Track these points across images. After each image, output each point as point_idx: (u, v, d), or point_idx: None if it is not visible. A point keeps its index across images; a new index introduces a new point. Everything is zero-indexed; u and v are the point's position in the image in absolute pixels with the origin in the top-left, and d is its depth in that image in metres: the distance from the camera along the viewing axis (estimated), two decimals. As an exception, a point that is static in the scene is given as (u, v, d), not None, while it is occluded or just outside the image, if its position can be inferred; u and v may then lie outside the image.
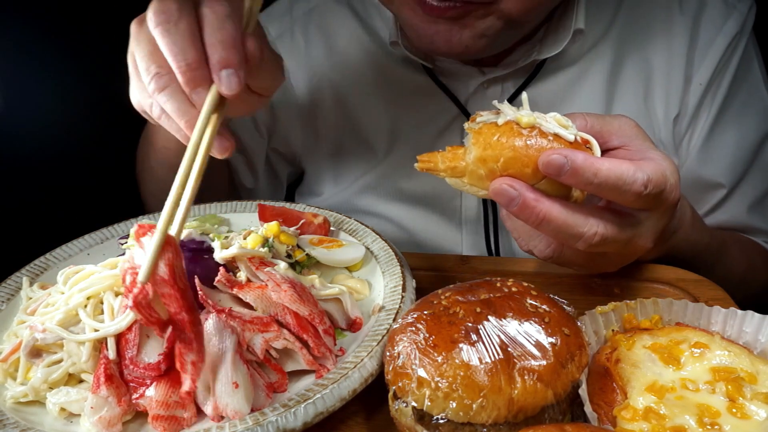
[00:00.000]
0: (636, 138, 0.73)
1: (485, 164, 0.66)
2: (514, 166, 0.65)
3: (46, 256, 0.91)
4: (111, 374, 0.66)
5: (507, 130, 0.66)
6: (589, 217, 0.67)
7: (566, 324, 0.64)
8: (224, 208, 1.03)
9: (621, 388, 0.62)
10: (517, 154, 0.65)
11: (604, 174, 0.64)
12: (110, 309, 0.70)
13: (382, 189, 1.19)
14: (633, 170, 0.65)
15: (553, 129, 0.66)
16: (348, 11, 1.19)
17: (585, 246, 0.68)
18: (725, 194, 1.10)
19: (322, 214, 0.98)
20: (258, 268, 0.75)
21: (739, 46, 1.07)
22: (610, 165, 0.64)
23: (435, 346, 0.61)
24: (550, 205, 0.65)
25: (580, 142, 0.68)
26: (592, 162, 0.63)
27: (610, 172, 0.64)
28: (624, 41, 1.09)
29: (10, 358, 0.72)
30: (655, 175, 0.66)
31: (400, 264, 0.85)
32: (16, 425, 0.65)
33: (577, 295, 0.88)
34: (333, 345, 0.74)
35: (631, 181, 0.64)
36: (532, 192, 0.65)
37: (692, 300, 0.80)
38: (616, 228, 0.69)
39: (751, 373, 0.61)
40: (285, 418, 0.62)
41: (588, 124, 0.73)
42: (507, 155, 0.65)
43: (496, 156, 0.65)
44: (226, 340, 0.67)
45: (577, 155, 0.63)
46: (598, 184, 0.64)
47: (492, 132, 0.66)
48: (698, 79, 1.07)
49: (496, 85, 1.10)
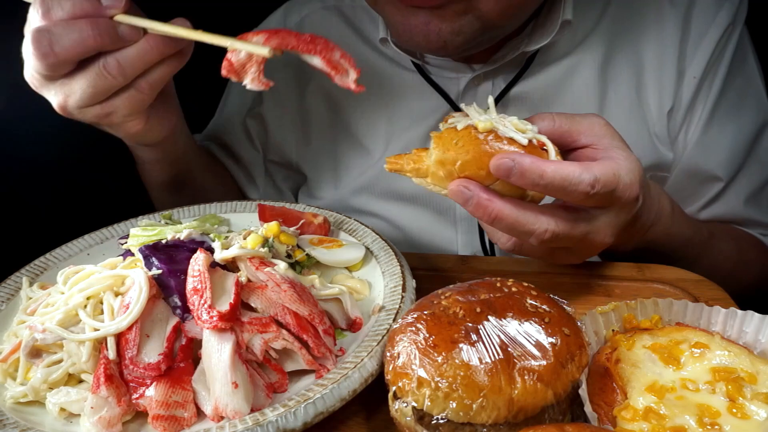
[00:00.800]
0: (604, 137, 0.77)
1: (444, 166, 0.71)
2: (470, 168, 0.70)
3: (46, 256, 0.91)
4: (111, 374, 0.66)
5: (465, 134, 0.71)
6: (540, 215, 0.71)
7: (566, 324, 0.64)
8: (224, 208, 1.03)
9: (621, 388, 0.62)
10: (472, 157, 0.70)
11: (550, 176, 0.67)
12: (110, 309, 0.70)
13: (377, 189, 1.19)
14: (579, 172, 0.68)
15: (509, 133, 0.70)
16: (337, 17, 1.21)
17: (537, 242, 0.72)
18: (722, 187, 1.10)
19: (322, 214, 0.98)
20: (258, 268, 0.75)
21: (733, 37, 1.07)
22: (555, 167, 0.68)
23: (435, 346, 0.61)
24: (501, 205, 0.70)
25: (536, 145, 0.72)
26: (538, 165, 0.67)
27: (555, 173, 0.67)
28: (615, 34, 1.09)
29: (10, 358, 0.72)
30: (605, 175, 0.70)
31: (400, 264, 0.85)
32: (16, 425, 0.65)
33: (577, 295, 0.88)
34: (333, 345, 0.74)
35: (577, 182, 0.68)
36: (485, 192, 0.70)
37: (692, 300, 0.80)
38: (567, 225, 0.73)
39: (751, 373, 0.61)
40: (285, 418, 0.62)
41: (556, 124, 0.76)
42: (463, 158, 0.70)
43: (454, 159, 0.70)
44: (225, 340, 0.67)
45: (524, 159, 0.67)
46: (545, 185, 0.68)
47: (451, 136, 0.71)
48: (692, 72, 1.07)
49: (487, 81, 1.10)
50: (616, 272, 0.92)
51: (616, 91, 1.09)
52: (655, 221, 0.89)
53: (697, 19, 1.06)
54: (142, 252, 0.77)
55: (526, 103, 1.10)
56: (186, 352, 0.70)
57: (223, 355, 0.66)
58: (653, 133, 1.10)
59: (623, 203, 0.75)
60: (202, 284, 0.70)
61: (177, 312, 0.72)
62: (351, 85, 0.74)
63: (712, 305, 0.71)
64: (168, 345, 0.69)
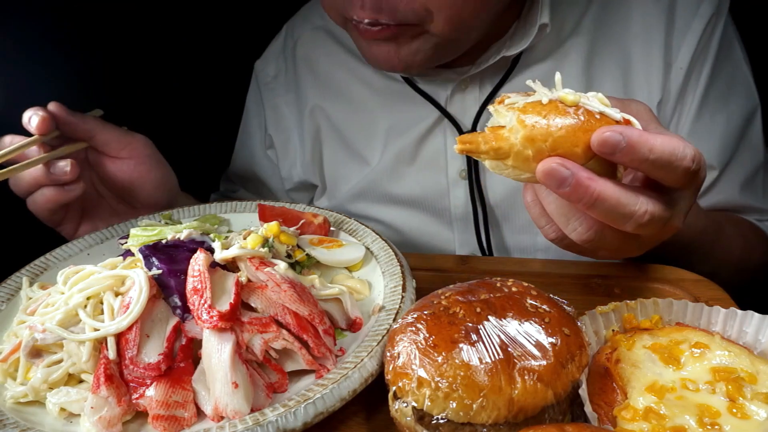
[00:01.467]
0: (652, 122, 0.72)
1: (533, 144, 0.62)
2: (564, 145, 0.62)
3: (46, 256, 0.91)
4: (111, 374, 0.66)
5: (553, 108, 0.63)
6: (639, 195, 0.64)
7: (566, 324, 0.64)
8: (224, 208, 1.03)
9: (621, 388, 0.62)
10: (566, 132, 0.61)
11: (659, 149, 0.61)
12: (110, 309, 0.70)
13: (373, 194, 1.21)
14: (683, 146, 0.63)
15: (599, 108, 0.64)
16: (325, 35, 1.25)
17: (634, 226, 0.65)
18: (717, 176, 1.11)
19: (322, 214, 0.98)
20: (258, 268, 0.75)
21: (717, 27, 1.08)
22: (662, 140, 0.62)
23: (435, 346, 0.61)
24: (604, 184, 0.62)
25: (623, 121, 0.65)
26: (647, 138, 0.61)
27: (664, 147, 0.62)
28: (598, 33, 1.10)
29: (10, 358, 0.72)
30: (697, 152, 0.65)
31: (400, 264, 0.85)
32: (16, 425, 0.65)
33: (577, 295, 0.88)
34: (333, 345, 0.74)
35: (682, 156, 0.62)
36: (585, 171, 0.62)
37: (692, 300, 0.80)
38: (661, 206, 0.66)
39: (751, 373, 0.61)
40: (285, 418, 0.62)
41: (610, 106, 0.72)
42: (557, 134, 0.61)
43: (545, 135, 0.62)
44: (225, 340, 0.67)
45: (633, 131, 0.61)
46: (654, 161, 0.62)
47: (538, 110, 0.63)
48: (678, 63, 1.08)
49: (473, 85, 1.12)
50: (616, 272, 0.92)
51: (601, 88, 1.10)
52: None
53: (681, 11, 1.08)
54: (142, 252, 0.77)
55: None
56: (186, 352, 0.70)
57: (223, 355, 0.66)
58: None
59: (698, 184, 0.70)
60: (202, 284, 0.70)
61: (177, 312, 0.72)
62: None
63: (712, 305, 0.71)
64: (168, 345, 0.69)
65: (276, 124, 1.31)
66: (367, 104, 1.19)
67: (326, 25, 1.25)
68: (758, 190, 1.14)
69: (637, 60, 1.09)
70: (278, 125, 1.31)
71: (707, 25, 1.07)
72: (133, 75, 1.42)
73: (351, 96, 1.21)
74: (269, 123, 1.32)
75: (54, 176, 0.91)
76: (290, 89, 1.28)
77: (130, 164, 1.02)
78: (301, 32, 1.28)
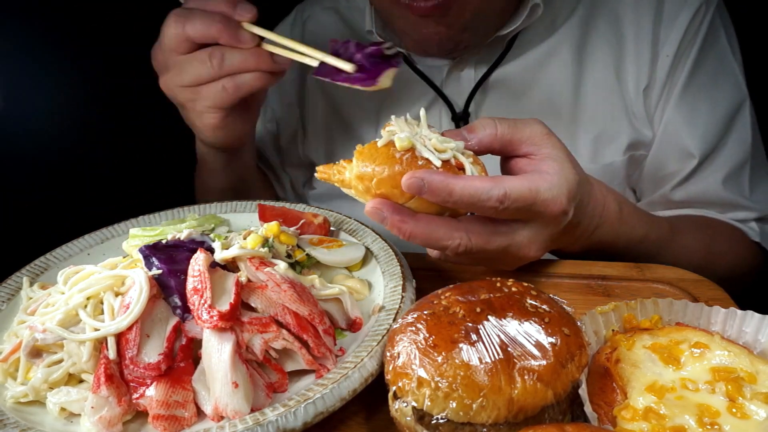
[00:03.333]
0: (543, 146, 0.79)
1: (362, 182, 0.73)
2: (386, 186, 0.72)
3: (46, 256, 0.91)
4: (111, 374, 0.66)
5: (384, 152, 0.72)
6: (453, 230, 0.74)
7: (566, 324, 0.64)
8: (224, 208, 1.04)
9: (621, 388, 0.62)
10: (387, 176, 0.71)
11: (458, 193, 0.70)
12: (110, 309, 0.70)
13: None
14: (489, 187, 0.71)
15: (425, 153, 0.72)
16: (334, 15, 1.30)
17: (453, 254, 0.77)
18: (696, 164, 1.12)
19: (322, 214, 0.98)
20: (258, 268, 0.75)
21: (706, 17, 1.10)
22: (464, 184, 0.70)
23: (435, 346, 0.61)
24: (413, 225, 0.73)
25: (454, 164, 0.73)
26: (447, 183, 0.69)
27: (464, 190, 0.70)
28: (592, 18, 1.13)
29: (10, 358, 0.72)
30: (517, 191, 0.72)
31: (400, 264, 0.85)
32: (16, 425, 0.65)
33: (577, 295, 0.88)
34: (333, 345, 0.74)
35: (486, 198, 0.71)
36: (397, 215, 0.72)
37: (692, 300, 0.80)
38: (482, 238, 0.76)
39: (751, 373, 0.61)
40: (285, 418, 0.62)
41: (498, 131, 0.79)
42: (379, 176, 0.72)
43: (371, 176, 0.72)
44: (225, 340, 0.67)
45: (434, 177, 0.69)
46: (455, 202, 0.71)
47: (371, 152, 0.73)
48: (665, 51, 1.10)
49: (468, 68, 1.16)
50: (616, 272, 0.92)
51: (594, 72, 1.14)
52: (599, 224, 0.90)
53: (670, 2, 1.10)
54: (142, 252, 0.77)
55: (507, 87, 1.16)
56: (186, 352, 0.70)
57: (224, 354, 0.66)
58: (631, 112, 1.14)
59: (546, 218, 0.77)
60: (202, 284, 0.70)
61: (177, 312, 0.72)
62: None
63: (712, 305, 0.71)
64: (168, 345, 0.69)
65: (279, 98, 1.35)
66: None
67: (337, 6, 1.30)
68: (744, 185, 1.14)
69: (629, 45, 1.12)
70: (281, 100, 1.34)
71: (695, 15, 1.09)
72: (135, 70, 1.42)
73: None
74: (271, 97, 1.35)
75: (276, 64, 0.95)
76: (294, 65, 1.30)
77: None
78: (312, 11, 1.33)
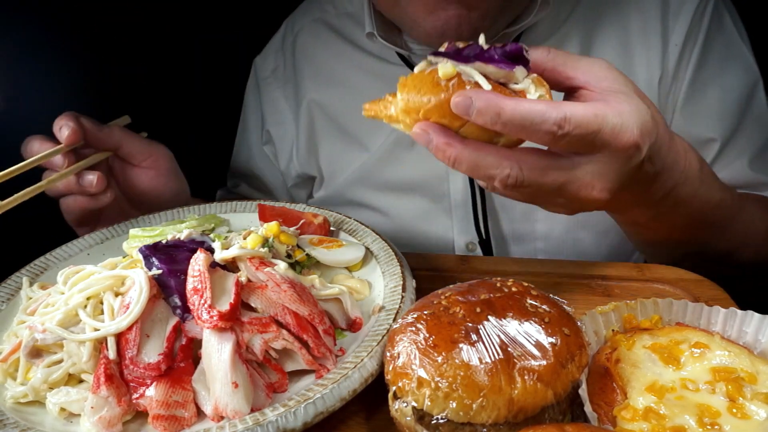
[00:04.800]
0: (604, 80, 0.70)
1: (409, 115, 0.68)
2: (434, 115, 0.67)
3: (46, 256, 0.91)
4: (111, 374, 0.66)
5: (429, 80, 0.67)
6: (503, 159, 0.67)
7: (566, 324, 0.64)
8: (224, 208, 1.03)
9: (621, 388, 0.62)
10: (434, 105, 0.66)
11: (508, 113, 0.63)
12: (110, 309, 0.70)
13: (372, 181, 1.22)
14: (545, 109, 0.63)
15: (475, 77, 0.66)
16: (324, 27, 1.27)
17: (502, 186, 0.68)
18: (720, 148, 1.10)
19: (322, 214, 0.98)
20: (258, 268, 0.75)
21: (710, 2, 1.09)
22: (515, 103, 0.63)
23: (435, 346, 0.61)
24: (460, 149, 0.66)
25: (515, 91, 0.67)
26: (496, 101, 0.63)
27: (514, 110, 0.63)
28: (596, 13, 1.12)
29: (10, 358, 0.72)
30: (580, 115, 0.64)
31: (400, 264, 0.85)
32: (16, 425, 0.65)
33: (577, 295, 0.88)
34: (333, 345, 0.74)
35: (540, 120, 0.63)
36: (443, 137, 0.66)
37: (692, 300, 0.80)
38: (535, 171, 0.67)
39: (751, 373, 0.61)
40: (285, 418, 0.62)
41: (551, 55, 0.72)
42: (426, 106, 0.67)
43: (417, 107, 0.67)
44: (225, 340, 0.67)
45: (481, 95, 0.63)
46: (503, 123, 0.63)
47: (415, 83, 0.68)
48: (674, 40, 1.09)
49: None
50: (616, 272, 0.92)
51: None
52: (681, 180, 0.81)
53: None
54: (142, 252, 0.77)
55: None
56: (186, 352, 0.70)
57: (224, 354, 0.66)
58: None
59: (615, 150, 0.67)
60: (202, 284, 0.70)
61: (177, 312, 0.72)
62: None
63: (712, 305, 0.71)
64: (168, 345, 0.69)
65: (274, 118, 1.32)
66: (366, 90, 1.18)
67: (324, 16, 1.27)
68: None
69: (637, 39, 1.10)
70: (276, 119, 1.32)
71: (700, 1, 1.09)
72: (137, 76, 1.42)
73: (349, 83, 1.22)
74: (267, 118, 1.33)
75: (82, 187, 0.95)
76: (288, 81, 1.29)
77: (150, 174, 1.05)
78: (301, 25, 1.30)
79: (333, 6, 1.28)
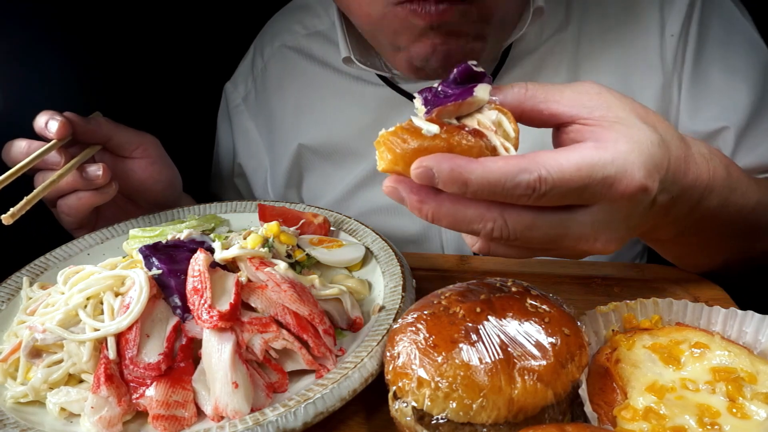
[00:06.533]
0: (597, 109, 0.62)
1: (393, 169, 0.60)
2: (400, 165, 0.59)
3: (46, 256, 0.91)
4: (111, 374, 0.66)
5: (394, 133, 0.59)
6: (485, 211, 0.59)
7: (566, 324, 0.64)
8: (224, 208, 1.03)
9: (621, 388, 0.62)
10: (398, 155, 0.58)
11: (476, 182, 0.56)
12: (110, 309, 0.70)
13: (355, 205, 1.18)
14: (516, 171, 0.56)
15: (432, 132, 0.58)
16: (293, 54, 1.21)
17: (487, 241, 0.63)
18: (736, 135, 1.03)
19: (322, 214, 0.98)
20: (258, 268, 0.75)
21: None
22: (482, 170, 0.56)
23: (435, 346, 0.61)
24: (435, 205, 0.60)
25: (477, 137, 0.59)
26: (459, 171, 0.56)
27: (482, 179, 0.56)
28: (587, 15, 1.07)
29: (10, 358, 0.72)
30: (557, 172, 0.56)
31: (400, 264, 0.85)
32: (16, 425, 0.65)
33: (577, 295, 0.88)
34: (333, 345, 0.74)
35: (512, 185, 0.56)
36: (415, 194, 0.60)
37: (692, 300, 0.80)
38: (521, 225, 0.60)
39: (751, 373, 0.61)
40: (285, 418, 0.62)
41: (528, 92, 0.63)
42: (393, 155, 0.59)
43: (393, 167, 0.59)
44: (225, 340, 0.67)
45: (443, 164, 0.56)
46: (474, 192, 0.57)
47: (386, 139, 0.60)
48: (670, 31, 1.05)
49: None
50: (616, 272, 0.92)
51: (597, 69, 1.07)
52: (705, 194, 0.71)
53: None
54: (142, 252, 0.77)
55: None
56: (186, 352, 0.70)
57: (224, 354, 0.66)
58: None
59: (612, 200, 0.60)
60: (202, 284, 0.70)
61: (177, 312, 0.72)
62: None
63: (712, 305, 0.71)
64: (168, 345, 0.69)
65: (246, 150, 1.29)
66: (346, 116, 1.15)
67: (293, 41, 1.21)
68: None
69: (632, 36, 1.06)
70: (248, 152, 1.29)
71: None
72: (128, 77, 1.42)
73: (329, 111, 1.17)
74: (239, 151, 1.30)
75: (87, 180, 0.92)
76: (261, 112, 1.25)
77: (142, 164, 1.03)
78: (270, 54, 1.25)
79: (302, 26, 1.21)
